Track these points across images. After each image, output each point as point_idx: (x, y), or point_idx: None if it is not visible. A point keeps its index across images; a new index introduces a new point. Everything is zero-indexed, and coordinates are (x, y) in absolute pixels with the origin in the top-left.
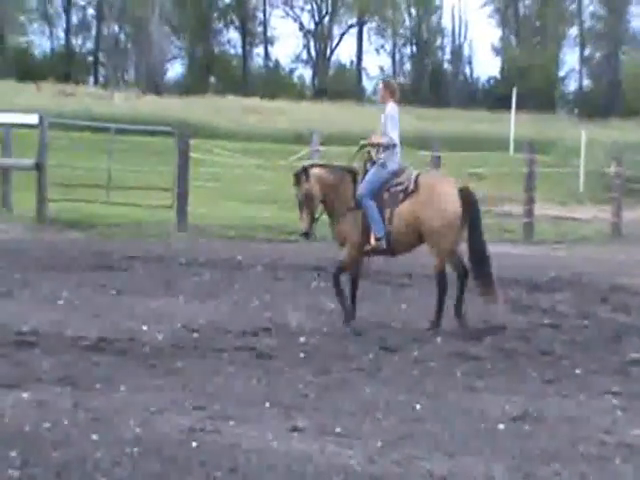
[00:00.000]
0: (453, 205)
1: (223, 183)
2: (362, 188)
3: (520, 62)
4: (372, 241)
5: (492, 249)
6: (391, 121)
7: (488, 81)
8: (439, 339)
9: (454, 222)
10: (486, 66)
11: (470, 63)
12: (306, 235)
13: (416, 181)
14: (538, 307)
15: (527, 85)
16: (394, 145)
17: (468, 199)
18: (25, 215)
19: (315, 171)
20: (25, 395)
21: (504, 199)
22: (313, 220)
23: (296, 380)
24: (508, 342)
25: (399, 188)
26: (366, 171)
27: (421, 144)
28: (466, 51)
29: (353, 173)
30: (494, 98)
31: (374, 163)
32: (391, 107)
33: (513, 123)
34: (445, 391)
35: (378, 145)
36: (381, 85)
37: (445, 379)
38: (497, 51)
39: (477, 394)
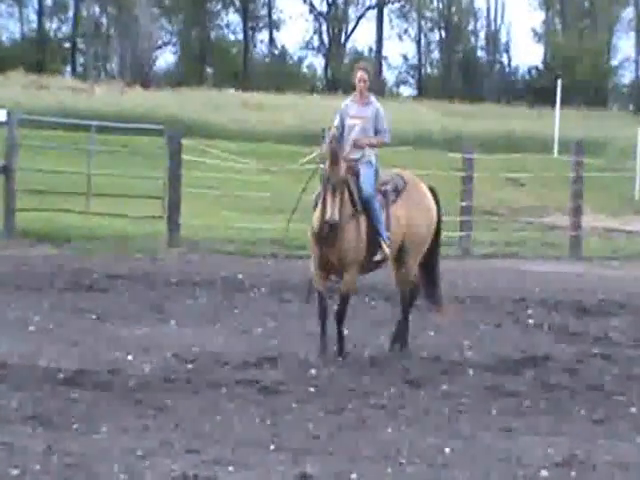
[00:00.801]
0: (434, 207)
1: (221, 190)
2: (368, 187)
3: (566, 50)
4: (386, 249)
5: (534, 267)
6: (385, 117)
7: (529, 72)
8: (471, 371)
9: (434, 225)
10: (526, 54)
11: (508, 51)
12: (335, 226)
13: (403, 178)
14: (587, 334)
15: (574, 76)
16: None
17: (435, 201)
18: None
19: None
20: None
21: (547, 209)
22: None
23: (306, 419)
24: (551, 375)
25: (389, 187)
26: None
27: (450, 145)
28: (503, 37)
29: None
30: (536, 91)
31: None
32: (375, 100)
33: (558, 120)
34: (478, 432)
35: (374, 146)
36: (366, 72)
37: (478, 418)
38: (539, 37)
39: (515, 436)
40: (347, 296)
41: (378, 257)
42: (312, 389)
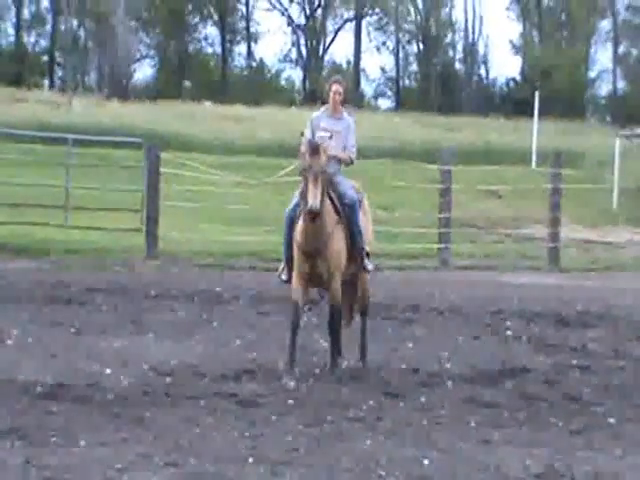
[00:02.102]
0: None
1: (199, 203)
2: (352, 195)
3: (544, 62)
4: (366, 261)
5: (512, 278)
6: (354, 134)
7: (507, 83)
8: (450, 383)
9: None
10: (504, 66)
11: (486, 63)
12: (316, 214)
13: (360, 192)
14: (565, 346)
15: (552, 88)
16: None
17: None
18: None
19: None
20: None
21: (526, 220)
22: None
23: (284, 431)
24: (530, 386)
25: (355, 197)
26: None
27: (428, 157)
28: (481, 49)
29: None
30: (513, 103)
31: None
32: (347, 115)
33: (536, 132)
34: (457, 444)
35: (342, 160)
36: (341, 86)
37: (457, 430)
38: (517, 49)
39: (494, 447)
40: (338, 306)
41: (370, 266)
42: (291, 401)
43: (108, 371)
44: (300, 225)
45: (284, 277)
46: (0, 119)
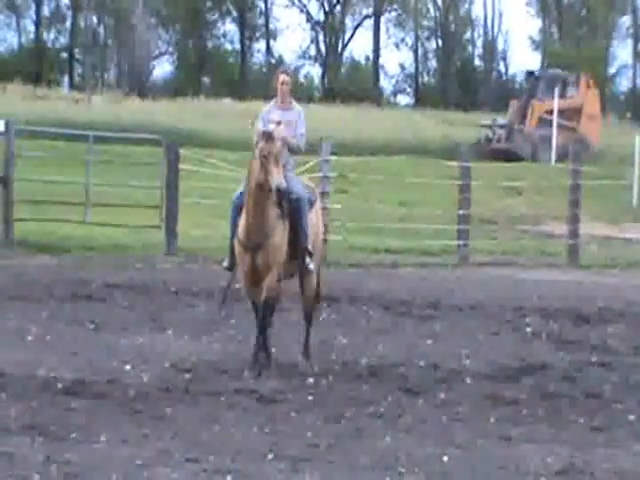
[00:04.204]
0: None
1: (218, 200)
2: (299, 190)
3: (563, 57)
4: (307, 260)
5: (532, 275)
6: (304, 123)
7: (526, 79)
8: (469, 380)
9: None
10: (524, 62)
11: (505, 59)
12: (283, 192)
13: (313, 190)
14: (585, 342)
15: None
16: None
17: None
18: None
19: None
20: None
21: (545, 217)
22: None
23: (304, 428)
24: (550, 383)
25: (306, 195)
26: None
27: (447, 153)
28: (500, 45)
29: None
30: None
31: None
32: (296, 104)
33: (555, 128)
34: (477, 441)
35: (290, 147)
36: (288, 76)
37: (477, 427)
38: (536, 45)
39: (514, 444)
40: (269, 303)
41: (311, 266)
42: (310, 398)
43: (128, 368)
44: (242, 220)
45: (225, 264)
46: (20, 116)
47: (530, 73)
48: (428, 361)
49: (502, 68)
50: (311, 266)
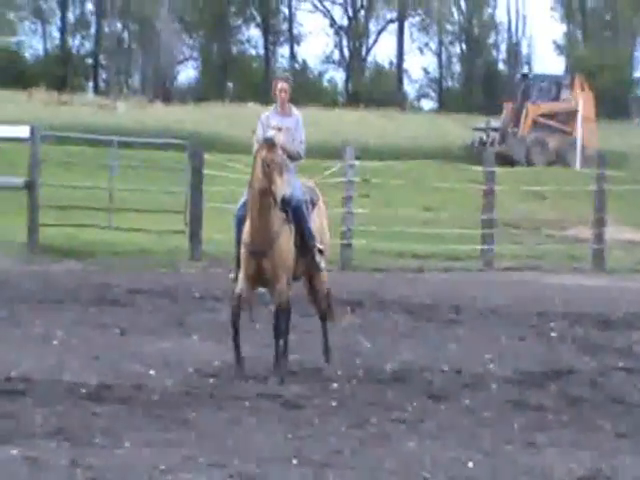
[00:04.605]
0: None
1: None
2: (298, 194)
3: (588, 62)
4: (318, 258)
5: (557, 279)
6: (303, 130)
7: None
8: (494, 385)
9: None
10: (548, 66)
11: (529, 63)
12: (289, 201)
13: (315, 191)
14: (610, 347)
15: (596, 88)
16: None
17: None
18: (14, 242)
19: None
20: (15, 451)
21: (570, 222)
22: None
23: (328, 433)
24: (575, 388)
25: (307, 198)
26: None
27: (471, 158)
28: (524, 49)
29: None
30: None
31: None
32: (296, 110)
33: (580, 133)
34: (501, 446)
35: (290, 154)
36: (287, 83)
37: (501, 432)
38: (561, 49)
39: (538, 450)
40: (283, 308)
41: (322, 264)
42: (334, 403)
43: (152, 372)
44: (246, 225)
45: (232, 275)
46: (46, 122)
47: (524, 76)
48: (452, 366)
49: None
50: (322, 264)
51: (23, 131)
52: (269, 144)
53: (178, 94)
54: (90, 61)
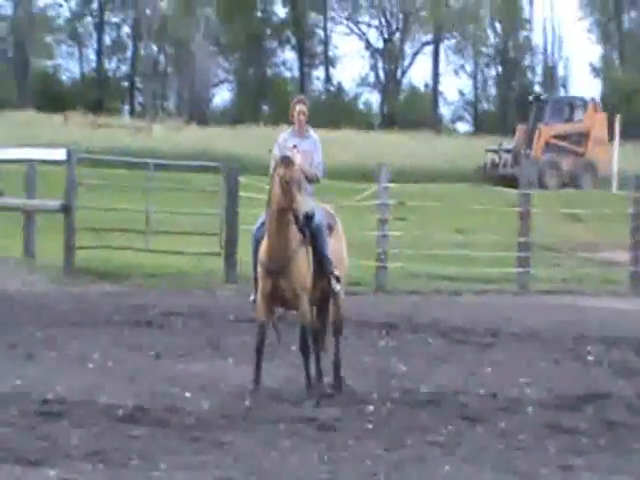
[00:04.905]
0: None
1: None
2: (317, 216)
3: (625, 84)
4: (334, 284)
5: (593, 303)
6: (320, 152)
7: None
8: (530, 408)
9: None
10: (584, 89)
11: (565, 86)
12: (311, 218)
13: (333, 216)
14: None
15: (633, 111)
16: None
17: None
18: (50, 264)
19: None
20: (52, 473)
21: (606, 245)
22: None
23: (363, 456)
24: (611, 412)
25: (324, 222)
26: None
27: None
28: (561, 71)
29: None
30: None
31: None
32: (313, 132)
33: (617, 156)
34: (537, 470)
35: (312, 179)
36: (305, 105)
37: (537, 456)
38: (597, 72)
39: (575, 473)
40: (308, 327)
41: (337, 288)
42: (369, 426)
43: (188, 395)
44: (264, 244)
45: (252, 298)
46: (82, 144)
47: (537, 97)
48: (488, 389)
49: (562, 94)
50: (337, 288)
51: (60, 154)
52: (286, 161)
53: (213, 117)
54: (126, 84)
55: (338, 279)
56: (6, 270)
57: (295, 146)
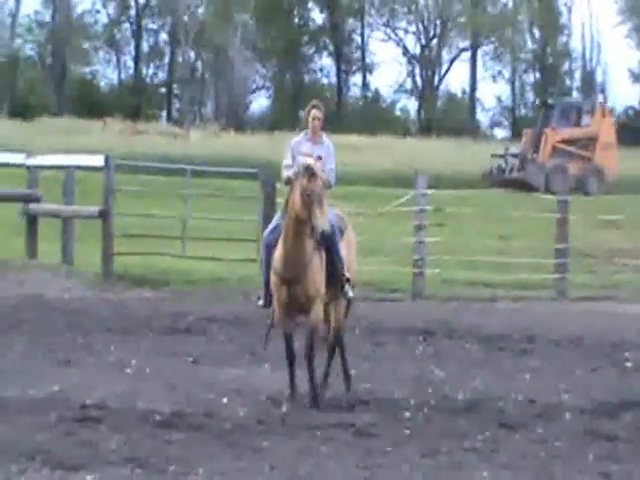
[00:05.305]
0: None
1: None
2: (331, 219)
3: None
4: (347, 288)
5: (631, 309)
6: (334, 158)
7: (625, 112)
8: (568, 415)
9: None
10: (623, 95)
11: (604, 91)
12: (327, 236)
13: (344, 219)
14: None
15: None
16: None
17: None
18: (88, 271)
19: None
20: (90, 478)
21: None
22: None
23: (400, 462)
24: None
25: (336, 226)
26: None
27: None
28: (599, 77)
29: None
30: (633, 132)
31: None
32: (327, 138)
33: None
34: (574, 476)
35: (322, 183)
36: (319, 111)
37: (574, 462)
38: (636, 77)
39: None
40: (315, 330)
41: (350, 293)
42: (406, 432)
43: (225, 401)
44: (278, 252)
45: (261, 302)
46: (120, 151)
47: (544, 102)
48: (525, 396)
49: (601, 101)
50: (350, 293)
51: (97, 160)
52: (310, 174)
53: (250, 123)
54: (163, 90)
55: (349, 282)
56: (44, 276)
57: (320, 157)
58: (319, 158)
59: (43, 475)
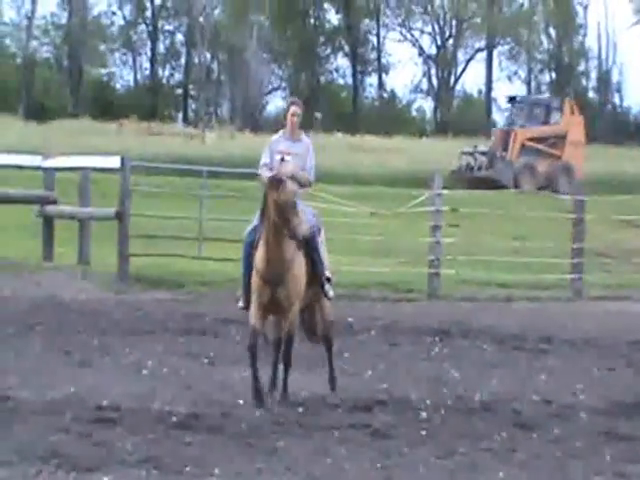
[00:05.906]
0: None
1: (330, 233)
2: (311, 220)
3: None
4: (327, 288)
5: None
6: (313, 156)
7: None
8: (584, 415)
9: None
10: (639, 94)
11: (620, 91)
12: (307, 243)
13: (319, 219)
14: None
15: None
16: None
17: None
18: (104, 272)
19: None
20: (106, 479)
21: None
22: None
23: (417, 462)
24: None
25: (315, 227)
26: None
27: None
28: (615, 77)
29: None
30: None
31: None
32: (306, 136)
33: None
34: (591, 477)
35: (304, 185)
36: (298, 107)
37: (591, 463)
38: None
39: None
40: (292, 336)
41: (331, 293)
42: (423, 432)
43: (241, 402)
44: (260, 252)
45: (241, 304)
46: (136, 152)
47: (512, 99)
48: (542, 396)
49: (617, 100)
50: (331, 293)
51: (114, 161)
52: (276, 184)
53: (266, 124)
54: (179, 91)
55: (329, 280)
56: (61, 277)
57: (288, 153)
58: (288, 154)
59: (58, 477)
